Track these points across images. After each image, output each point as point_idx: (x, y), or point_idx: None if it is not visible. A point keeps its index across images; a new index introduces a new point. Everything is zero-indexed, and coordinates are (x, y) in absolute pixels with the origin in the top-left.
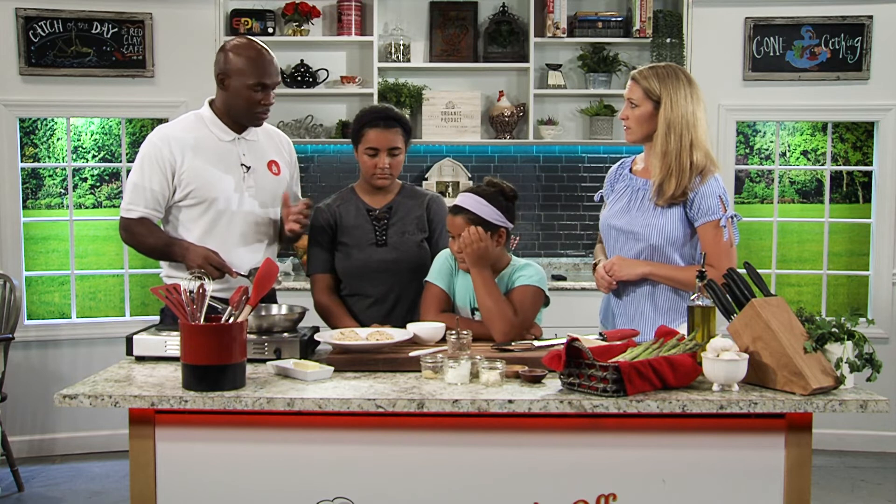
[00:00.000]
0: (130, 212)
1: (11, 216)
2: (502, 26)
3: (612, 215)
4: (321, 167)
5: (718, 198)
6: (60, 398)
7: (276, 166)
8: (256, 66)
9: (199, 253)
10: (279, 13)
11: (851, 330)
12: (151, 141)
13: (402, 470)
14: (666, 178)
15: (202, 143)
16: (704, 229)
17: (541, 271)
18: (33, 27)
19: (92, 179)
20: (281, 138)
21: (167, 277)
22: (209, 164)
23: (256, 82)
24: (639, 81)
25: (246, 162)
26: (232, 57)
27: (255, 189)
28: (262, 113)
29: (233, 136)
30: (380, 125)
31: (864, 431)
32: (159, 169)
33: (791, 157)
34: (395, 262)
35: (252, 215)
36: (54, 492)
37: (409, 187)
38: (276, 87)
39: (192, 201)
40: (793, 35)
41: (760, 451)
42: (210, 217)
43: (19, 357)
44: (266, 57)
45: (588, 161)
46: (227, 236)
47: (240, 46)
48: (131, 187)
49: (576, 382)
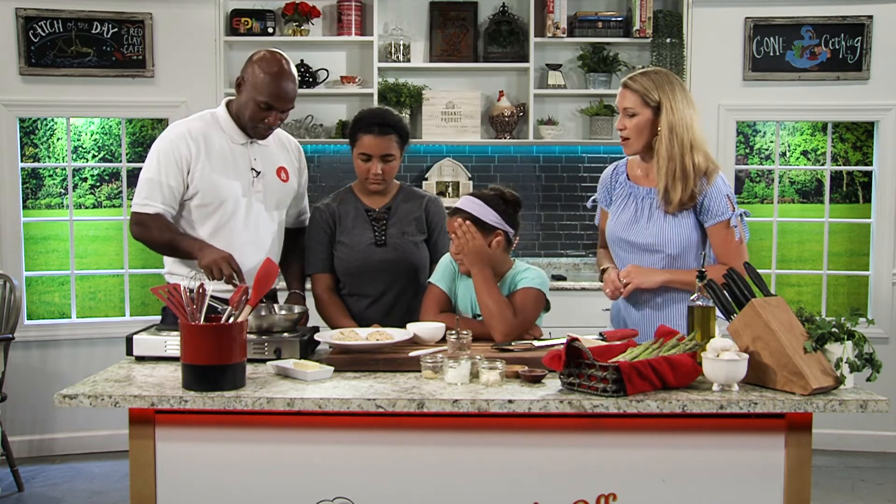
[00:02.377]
0: (147, 206)
1: (11, 216)
2: (502, 26)
3: (620, 227)
4: (321, 167)
5: (726, 197)
6: (60, 398)
7: (285, 173)
8: (270, 87)
9: (216, 252)
10: (279, 13)
11: (851, 330)
12: (168, 137)
13: (402, 470)
14: (671, 183)
15: (215, 144)
16: (716, 230)
17: (543, 275)
18: (33, 27)
19: (92, 179)
20: (291, 145)
21: (169, 275)
22: (220, 166)
23: (265, 101)
24: (634, 88)
25: (256, 167)
26: (254, 68)
27: (263, 194)
28: (263, 130)
29: (245, 140)
30: (374, 131)
31: (864, 431)
32: (175, 165)
33: (791, 157)
34: (395, 262)
35: (259, 219)
36: (54, 492)
37: (407, 188)
38: (286, 112)
39: (201, 202)
40: (793, 35)
41: (760, 451)
42: (217, 219)
43: (19, 357)
44: (284, 81)
45: (588, 161)
46: (233, 239)
47: (265, 60)
48: (146, 183)
49: (576, 382)
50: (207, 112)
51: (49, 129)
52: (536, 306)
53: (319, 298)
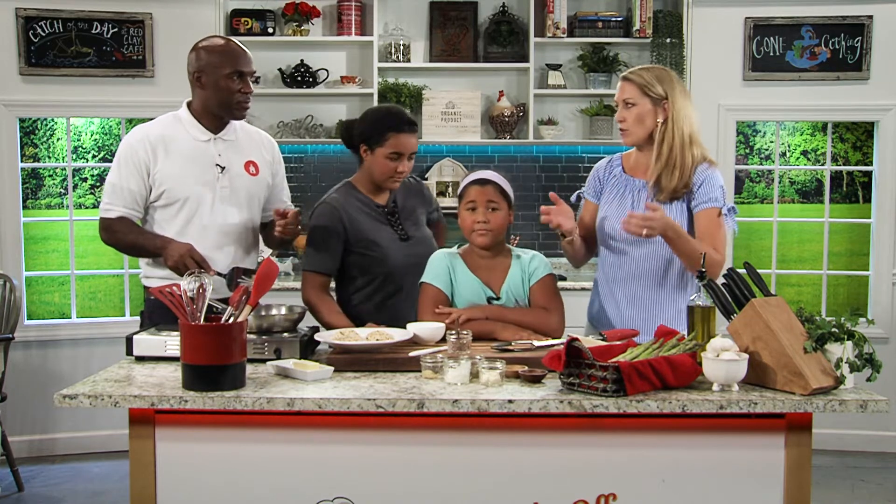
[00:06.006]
0: (109, 211)
1: (11, 216)
2: (502, 26)
3: (615, 218)
4: (321, 167)
5: (720, 188)
6: (60, 398)
7: (255, 166)
8: (229, 57)
9: (178, 248)
10: (279, 13)
11: (851, 330)
12: (127, 142)
13: (402, 470)
14: (665, 171)
15: (177, 143)
16: (706, 214)
17: (542, 255)
18: (33, 27)
19: (92, 179)
20: (262, 138)
21: (146, 279)
22: (183, 165)
23: (232, 71)
24: (633, 80)
25: (221, 162)
26: (204, 54)
27: (228, 189)
28: (243, 102)
29: (209, 136)
30: (405, 129)
31: (864, 431)
32: (135, 169)
33: (791, 157)
34: (422, 255)
35: (225, 216)
36: (54, 492)
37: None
38: (252, 77)
39: (165, 201)
40: (793, 35)
41: (760, 451)
42: (183, 217)
43: (19, 357)
44: (237, 47)
45: (588, 161)
46: (200, 236)
47: (208, 42)
48: (109, 188)
49: (576, 382)
50: (169, 114)
51: (49, 129)
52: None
53: (315, 297)
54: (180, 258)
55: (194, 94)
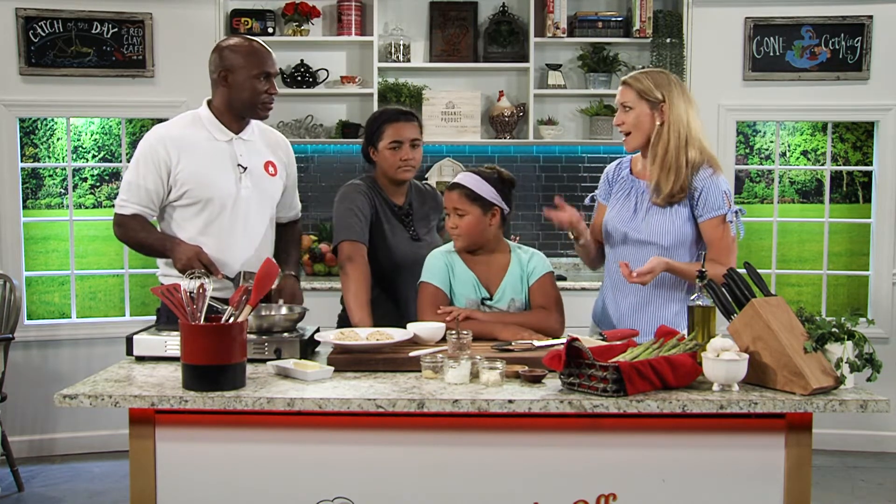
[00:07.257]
0: (124, 208)
1: (11, 216)
2: (502, 26)
3: (619, 221)
4: (321, 167)
5: (724, 193)
6: (60, 398)
7: (273, 167)
8: (257, 58)
9: (186, 250)
10: (279, 13)
11: (851, 330)
12: (148, 140)
13: (402, 470)
14: (662, 173)
15: (198, 143)
16: (711, 224)
17: (541, 254)
18: (33, 27)
19: (92, 179)
20: (278, 139)
21: (164, 276)
22: (205, 164)
23: (259, 72)
24: (631, 84)
25: (243, 163)
26: (229, 53)
27: (251, 189)
28: (268, 102)
29: (230, 136)
30: (399, 119)
31: (864, 431)
32: (154, 168)
33: (791, 157)
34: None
35: (248, 214)
36: (54, 492)
37: (414, 185)
38: (276, 75)
39: (188, 201)
40: (793, 35)
41: (760, 451)
42: (205, 216)
43: (19, 357)
44: (263, 48)
45: (588, 161)
46: (223, 236)
47: (235, 42)
48: (126, 185)
49: (576, 382)
50: (189, 113)
51: (49, 129)
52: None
53: (357, 263)
54: (188, 261)
55: (216, 93)
